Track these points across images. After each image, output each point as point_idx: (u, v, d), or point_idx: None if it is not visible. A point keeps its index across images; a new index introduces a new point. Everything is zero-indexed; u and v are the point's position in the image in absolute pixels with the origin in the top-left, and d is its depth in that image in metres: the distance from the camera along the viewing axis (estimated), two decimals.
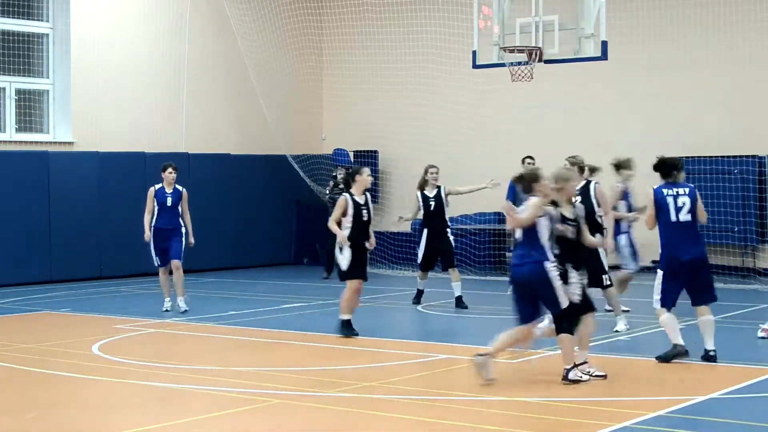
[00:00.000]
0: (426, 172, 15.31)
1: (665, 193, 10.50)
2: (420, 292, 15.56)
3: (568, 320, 9.45)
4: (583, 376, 9.42)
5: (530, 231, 9.45)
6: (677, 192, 10.49)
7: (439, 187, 15.19)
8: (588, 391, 9.14)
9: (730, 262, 18.79)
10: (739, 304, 15.28)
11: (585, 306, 9.65)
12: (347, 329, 12.35)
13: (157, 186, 14.99)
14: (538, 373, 10.07)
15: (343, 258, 12.33)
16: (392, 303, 16.17)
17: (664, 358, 10.38)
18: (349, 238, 12.29)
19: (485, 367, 9.37)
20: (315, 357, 11.43)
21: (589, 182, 12.30)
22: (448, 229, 15.35)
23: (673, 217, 10.40)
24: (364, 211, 12.36)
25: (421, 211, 15.21)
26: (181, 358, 11.45)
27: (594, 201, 12.17)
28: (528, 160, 16.81)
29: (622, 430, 7.76)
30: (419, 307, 15.28)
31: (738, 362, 10.47)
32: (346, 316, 12.39)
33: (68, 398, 9.36)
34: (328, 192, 20.30)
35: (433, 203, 15.12)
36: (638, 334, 12.61)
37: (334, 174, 20.55)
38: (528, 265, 9.45)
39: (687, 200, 10.41)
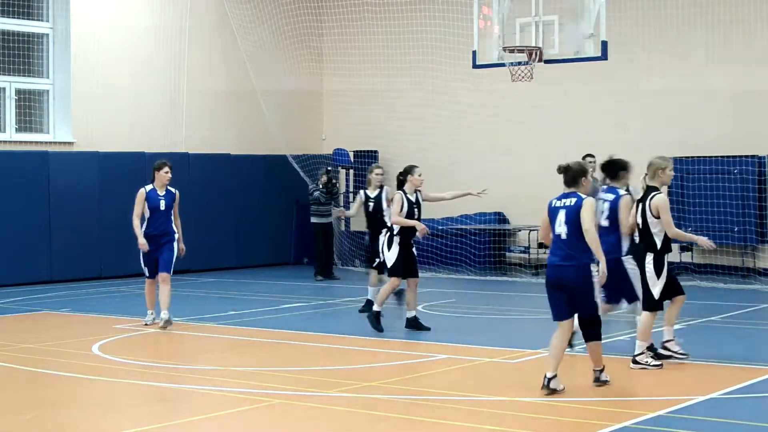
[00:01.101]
0: (371, 171, 14.96)
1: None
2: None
3: (598, 325, 9.28)
4: (608, 379, 9.36)
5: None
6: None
7: (381, 188, 14.66)
8: (588, 391, 9.14)
9: (730, 262, 18.79)
10: (739, 304, 15.29)
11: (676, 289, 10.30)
12: (375, 321, 12.75)
13: (148, 187, 13.45)
14: (538, 373, 10.06)
15: (391, 255, 12.78)
16: (392, 303, 16.15)
17: None
18: (398, 234, 12.74)
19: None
20: (315, 357, 11.43)
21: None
22: (384, 230, 13.70)
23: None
24: (416, 209, 12.77)
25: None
26: (181, 358, 11.45)
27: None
28: (589, 159, 16.58)
29: (622, 430, 7.76)
30: (419, 307, 15.23)
31: (738, 362, 10.48)
32: (378, 308, 12.85)
33: (68, 398, 9.36)
34: (319, 189, 20.11)
35: (372, 204, 14.66)
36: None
37: (328, 168, 20.40)
38: (572, 269, 9.10)
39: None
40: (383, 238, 12.99)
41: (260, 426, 8.27)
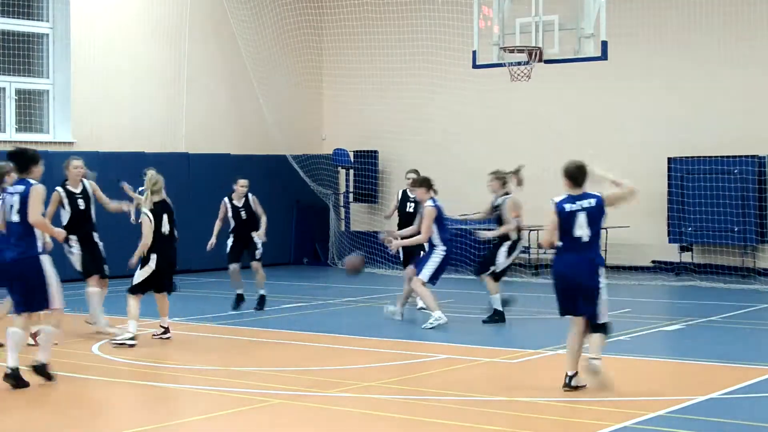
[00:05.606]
0: (236, 182, 15.60)
1: None
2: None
3: None
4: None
5: None
6: None
7: (246, 197, 15.59)
8: (588, 391, 9.14)
9: (730, 262, 18.80)
10: (739, 304, 15.29)
11: None
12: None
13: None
14: (538, 373, 10.07)
15: (507, 261, 13.86)
16: (392, 303, 16.15)
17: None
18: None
19: None
20: (315, 357, 11.43)
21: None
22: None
23: None
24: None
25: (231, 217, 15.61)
26: (181, 358, 11.45)
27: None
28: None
29: (622, 430, 7.76)
30: (419, 307, 15.25)
31: (738, 362, 10.48)
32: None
33: (68, 398, 9.35)
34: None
35: (243, 212, 15.61)
36: (638, 334, 12.62)
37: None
38: None
39: None
40: (505, 246, 13.74)
41: (260, 426, 8.27)
